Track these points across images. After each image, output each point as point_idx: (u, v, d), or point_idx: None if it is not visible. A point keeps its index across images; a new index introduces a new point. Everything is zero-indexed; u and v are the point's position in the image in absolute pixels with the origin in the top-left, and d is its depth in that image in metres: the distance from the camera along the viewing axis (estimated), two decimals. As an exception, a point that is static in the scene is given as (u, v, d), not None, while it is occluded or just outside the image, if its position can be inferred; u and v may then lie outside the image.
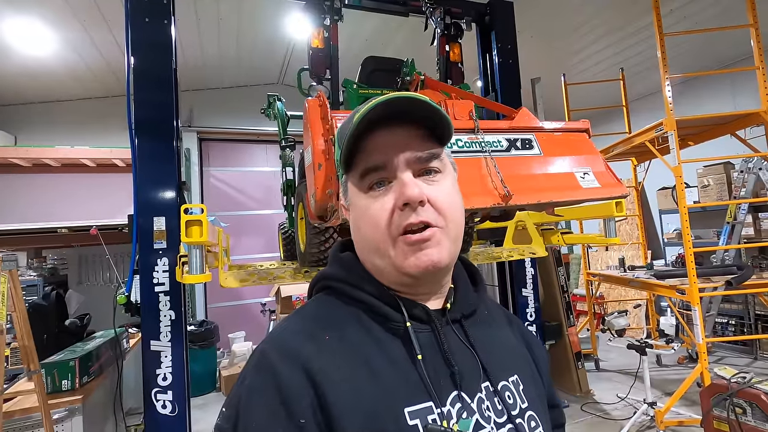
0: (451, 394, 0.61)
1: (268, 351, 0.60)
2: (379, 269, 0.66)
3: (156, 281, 2.89)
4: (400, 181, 0.63)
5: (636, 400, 3.81)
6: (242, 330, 5.94)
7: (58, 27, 4.23)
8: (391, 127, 0.65)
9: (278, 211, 6.82)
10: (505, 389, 0.67)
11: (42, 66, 4.84)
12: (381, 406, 0.56)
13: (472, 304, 0.73)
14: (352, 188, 0.68)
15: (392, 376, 0.59)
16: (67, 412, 2.27)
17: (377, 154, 0.64)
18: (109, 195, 5.56)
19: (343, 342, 0.61)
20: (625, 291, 6.30)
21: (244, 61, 5.85)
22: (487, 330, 0.73)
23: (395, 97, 0.63)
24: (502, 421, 0.63)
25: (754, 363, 4.71)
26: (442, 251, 0.62)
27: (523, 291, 4.09)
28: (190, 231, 1.79)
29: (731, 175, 4.95)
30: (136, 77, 3.00)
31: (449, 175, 0.68)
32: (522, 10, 4.06)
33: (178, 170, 3.14)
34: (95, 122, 5.80)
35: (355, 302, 0.66)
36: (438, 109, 0.65)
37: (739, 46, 4.94)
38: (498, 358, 0.69)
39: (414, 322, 0.64)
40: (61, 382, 2.38)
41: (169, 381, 2.87)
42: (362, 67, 2.81)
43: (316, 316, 0.67)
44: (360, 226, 0.67)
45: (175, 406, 2.88)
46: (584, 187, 1.87)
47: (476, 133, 1.82)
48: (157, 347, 2.86)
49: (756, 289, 3.61)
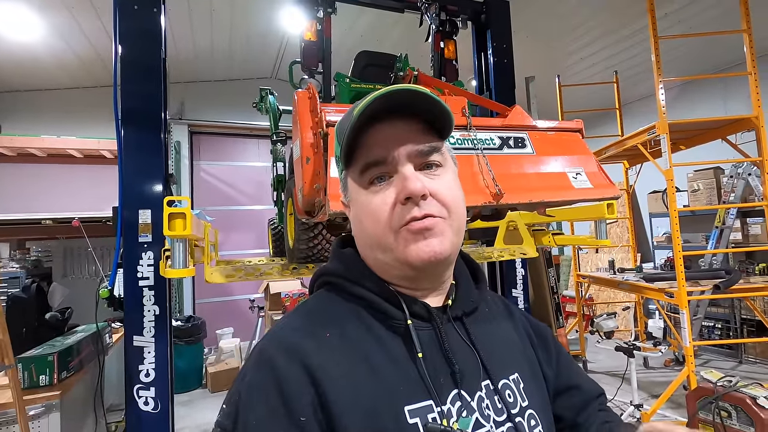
0: (451, 392, 0.61)
1: (269, 348, 0.60)
2: (380, 263, 0.66)
3: (140, 275, 2.83)
4: (402, 176, 0.62)
5: (623, 401, 3.83)
6: (230, 326, 5.89)
7: (45, 12, 4.12)
8: (391, 121, 0.64)
9: (269, 207, 6.75)
10: (506, 387, 0.66)
11: (28, 53, 4.72)
12: (381, 404, 0.56)
13: (474, 302, 0.72)
14: (353, 184, 0.67)
15: (392, 374, 0.59)
16: (44, 408, 2.21)
17: (378, 149, 0.64)
18: (96, 187, 5.46)
19: (344, 339, 0.61)
20: (614, 293, 6.34)
21: (237, 55, 5.77)
22: (489, 327, 0.72)
23: (396, 90, 0.61)
24: (501, 419, 0.63)
25: (739, 366, 4.75)
26: (444, 242, 0.62)
27: (513, 291, 4.08)
28: (173, 224, 1.74)
29: (721, 180, 4.99)
30: (124, 66, 2.93)
31: (450, 169, 0.68)
32: (517, 10, 4.04)
33: (166, 163, 3.08)
34: (82, 112, 5.69)
35: (356, 299, 0.66)
36: (439, 102, 0.64)
37: (733, 52, 4.97)
38: (499, 356, 0.69)
39: (415, 319, 0.64)
40: (38, 377, 2.31)
41: (152, 377, 2.82)
42: (355, 62, 2.77)
43: (316, 313, 0.66)
44: (361, 221, 0.66)
45: (158, 402, 2.82)
46: (576, 187, 1.85)
47: (468, 130, 1.79)
48: (140, 342, 2.80)
49: (743, 294, 3.64)
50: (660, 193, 5.79)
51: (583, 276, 5.14)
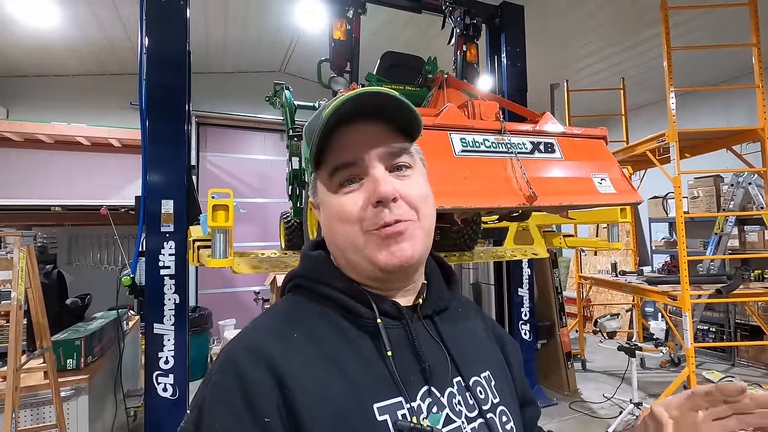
0: (421, 389, 0.61)
1: (235, 351, 0.59)
2: (351, 264, 0.66)
3: (162, 264, 2.88)
4: (373, 178, 0.62)
5: (621, 400, 3.95)
6: (232, 318, 5.92)
7: (64, 2, 4.12)
8: (361, 123, 0.64)
9: (275, 200, 6.78)
10: (477, 384, 0.67)
11: (41, 39, 4.71)
12: (350, 403, 0.56)
13: (445, 300, 0.73)
14: (321, 186, 0.67)
15: (362, 373, 0.59)
16: (74, 391, 2.25)
17: (348, 151, 0.63)
18: (103, 175, 5.46)
19: (312, 339, 0.60)
20: (611, 295, 6.48)
21: (248, 47, 5.78)
22: (460, 326, 0.73)
23: (365, 92, 0.62)
24: (473, 415, 0.64)
25: (731, 369, 4.90)
26: (416, 245, 0.63)
27: (519, 290, 4.19)
28: (216, 215, 1.80)
29: (720, 188, 5.12)
30: (150, 57, 2.96)
31: (419, 171, 0.68)
32: (529, 15, 4.12)
33: (188, 154, 3.12)
34: (90, 99, 5.68)
35: (325, 299, 0.65)
36: (408, 105, 0.64)
37: (734, 64, 5.11)
38: (470, 353, 0.70)
39: (384, 318, 0.64)
40: (66, 361, 2.36)
41: (171, 364, 2.87)
42: (380, 61, 2.83)
43: (284, 315, 0.66)
44: (331, 222, 0.65)
45: (176, 389, 2.88)
46: (602, 192, 1.93)
47: (503, 134, 1.86)
48: (160, 330, 2.85)
49: (743, 299, 3.77)
50: (660, 198, 5.92)
51: (585, 278, 5.26)
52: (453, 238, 2.83)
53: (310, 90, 3.94)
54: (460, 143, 1.77)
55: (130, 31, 4.70)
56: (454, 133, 1.77)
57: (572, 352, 4.56)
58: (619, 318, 4.14)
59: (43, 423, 2.15)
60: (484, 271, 4.84)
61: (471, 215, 2.63)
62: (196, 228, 2.65)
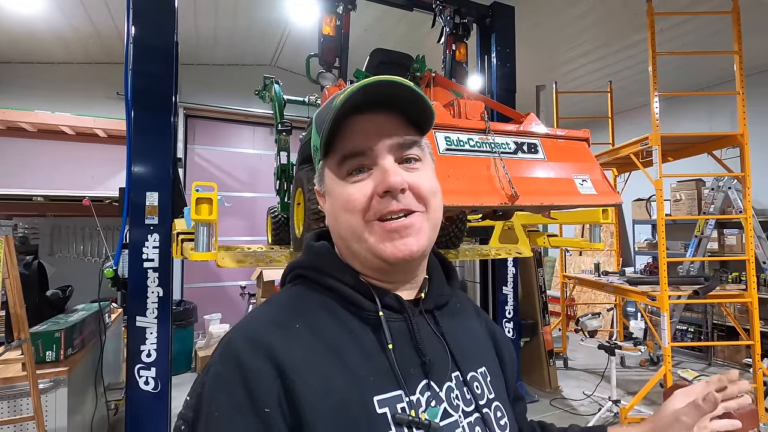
0: (420, 382, 0.61)
1: (235, 340, 0.58)
2: (354, 254, 0.65)
3: (145, 257, 2.85)
4: (382, 168, 0.61)
5: (601, 397, 4.03)
6: (218, 312, 5.89)
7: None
8: (372, 113, 0.63)
9: (262, 195, 6.75)
10: (474, 380, 0.68)
11: (26, 25, 4.61)
12: (350, 395, 0.56)
13: (446, 296, 0.74)
14: (329, 174, 0.66)
15: (362, 365, 0.59)
16: (52, 383, 2.23)
17: (358, 140, 0.63)
18: (88, 166, 5.38)
19: (313, 331, 0.60)
20: (595, 294, 6.59)
21: (238, 40, 5.73)
22: (459, 322, 0.74)
23: (379, 81, 0.60)
24: (470, 410, 0.65)
25: (708, 368, 5.03)
26: (421, 239, 0.62)
27: (504, 289, 4.24)
28: (200, 208, 1.79)
29: (702, 192, 5.23)
30: (136, 47, 2.92)
31: (428, 164, 0.68)
32: (519, 16, 4.14)
33: (174, 146, 3.09)
34: (76, 89, 5.57)
35: (328, 291, 0.65)
36: (422, 96, 0.63)
37: (718, 70, 5.21)
38: (468, 349, 0.71)
39: (386, 311, 0.64)
40: (45, 353, 2.33)
41: (153, 358, 2.84)
42: (369, 58, 2.83)
43: (286, 305, 0.66)
44: (337, 211, 0.65)
45: (158, 383, 2.85)
46: (582, 193, 1.97)
47: (487, 134, 1.89)
48: (142, 323, 2.82)
49: (720, 300, 3.87)
50: (644, 201, 6.02)
51: (569, 277, 5.34)
52: (438, 236, 2.85)
53: (300, 85, 3.91)
54: (445, 142, 1.79)
55: (117, 19, 4.62)
56: (439, 132, 1.79)
57: (554, 350, 4.63)
58: (600, 317, 4.21)
59: (21, 415, 2.13)
60: (470, 269, 4.89)
61: (455, 213, 2.66)
62: (181, 221, 2.63)
